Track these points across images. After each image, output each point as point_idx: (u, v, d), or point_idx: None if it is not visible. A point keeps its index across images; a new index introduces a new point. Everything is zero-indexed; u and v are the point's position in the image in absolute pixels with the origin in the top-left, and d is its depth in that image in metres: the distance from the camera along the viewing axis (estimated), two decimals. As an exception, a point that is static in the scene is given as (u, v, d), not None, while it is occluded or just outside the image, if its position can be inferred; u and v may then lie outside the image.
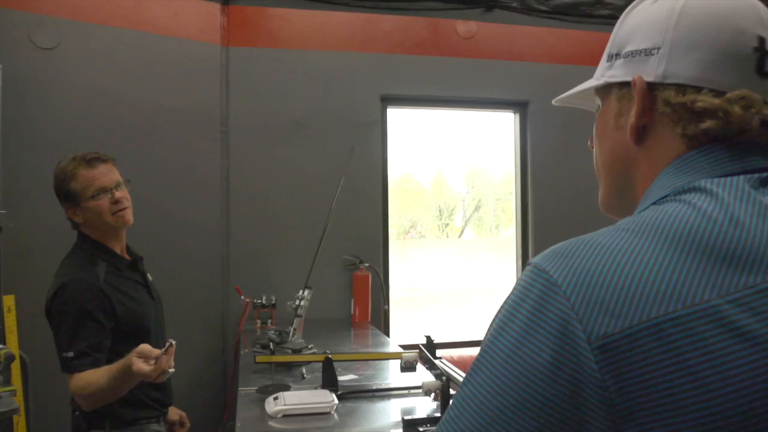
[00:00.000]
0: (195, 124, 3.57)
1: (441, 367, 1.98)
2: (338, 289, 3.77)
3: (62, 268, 2.08)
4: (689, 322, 0.53)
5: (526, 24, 4.14)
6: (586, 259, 0.59)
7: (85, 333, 1.93)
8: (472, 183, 8.38)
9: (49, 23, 3.14)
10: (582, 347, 0.55)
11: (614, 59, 0.75)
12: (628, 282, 0.56)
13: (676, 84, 0.68)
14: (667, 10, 0.70)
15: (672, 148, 0.69)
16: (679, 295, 0.54)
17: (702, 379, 0.52)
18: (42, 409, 3.00)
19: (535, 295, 0.59)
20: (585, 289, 0.57)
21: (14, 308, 2.94)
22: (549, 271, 0.60)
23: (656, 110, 0.70)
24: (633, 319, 0.54)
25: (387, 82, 3.93)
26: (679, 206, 0.61)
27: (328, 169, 3.57)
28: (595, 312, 0.56)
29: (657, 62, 0.69)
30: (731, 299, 0.54)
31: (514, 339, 0.59)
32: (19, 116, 3.03)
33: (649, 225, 0.60)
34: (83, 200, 2.07)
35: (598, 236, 0.61)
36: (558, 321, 0.57)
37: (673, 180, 0.67)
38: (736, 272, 0.55)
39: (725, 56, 0.67)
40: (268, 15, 3.78)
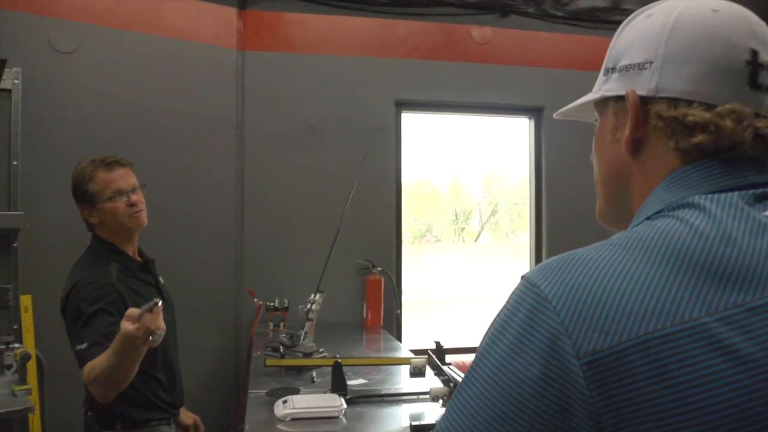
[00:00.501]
0: (210, 127, 3.60)
1: (449, 373, 1.98)
2: (351, 293, 3.78)
3: (76, 267, 2.11)
4: (677, 340, 0.54)
5: (541, 30, 4.13)
6: (578, 275, 0.59)
7: (98, 325, 1.94)
8: (489, 187, 8.36)
9: (67, 27, 3.19)
10: (571, 363, 0.55)
11: (610, 73, 0.76)
12: (617, 298, 0.56)
13: (669, 98, 0.68)
14: (659, 25, 0.71)
15: (666, 162, 0.69)
16: (668, 312, 0.55)
17: (688, 396, 0.52)
18: (57, 409, 3.05)
19: (525, 310, 0.60)
20: (575, 304, 0.57)
21: (31, 308, 2.99)
22: (540, 285, 0.60)
23: (649, 124, 0.70)
24: (622, 335, 0.55)
25: (402, 87, 3.93)
26: (672, 222, 0.61)
27: (341, 174, 3.59)
28: (584, 328, 0.56)
29: (650, 76, 0.70)
30: (720, 317, 0.54)
31: (504, 353, 0.59)
32: (38, 119, 3.08)
33: (641, 241, 0.60)
34: (100, 202, 2.11)
35: (591, 251, 0.62)
36: (547, 336, 0.57)
37: (667, 194, 0.67)
38: (726, 290, 0.55)
39: (717, 70, 0.67)
40: (284, 20, 3.80)
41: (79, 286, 2.00)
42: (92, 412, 2.08)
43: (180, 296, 2.42)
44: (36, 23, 3.12)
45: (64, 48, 3.18)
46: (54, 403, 3.05)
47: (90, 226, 2.19)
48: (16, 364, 2.66)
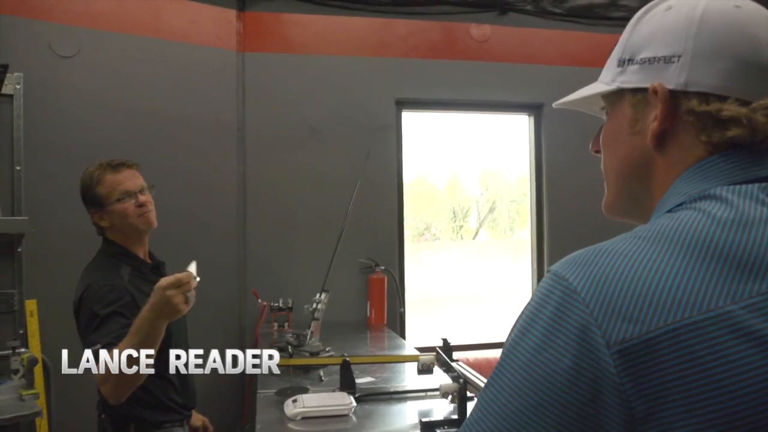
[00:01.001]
0: (211, 129, 3.61)
1: (458, 369, 2.00)
2: (354, 292, 3.79)
3: (87, 271, 2.11)
4: (704, 328, 0.55)
5: (540, 27, 4.14)
6: (604, 267, 0.60)
7: (111, 327, 1.92)
8: (487, 185, 8.37)
9: (68, 32, 3.19)
10: (601, 352, 0.57)
11: (627, 65, 0.76)
12: (645, 289, 0.58)
13: (699, 92, 0.69)
14: (685, 19, 0.71)
15: (693, 154, 0.70)
16: (694, 301, 0.56)
17: (717, 382, 0.54)
18: (64, 413, 3.05)
19: (555, 302, 0.61)
20: (603, 295, 0.58)
21: (36, 312, 2.99)
22: (568, 278, 0.61)
23: (679, 117, 0.71)
24: (650, 324, 0.56)
25: (402, 86, 3.95)
26: (694, 214, 0.63)
27: (343, 174, 3.60)
28: (613, 318, 0.57)
29: (678, 70, 0.70)
30: (744, 305, 0.56)
31: (535, 344, 0.61)
32: (40, 123, 3.08)
33: (665, 233, 0.62)
34: (109, 204, 2.12)
35: (615, 244, 0.63)
36: (578, 327, 0.58)
37: (689, 187, 0.69)
38: (750, 278, 0.57)
39: (746, 65, 0.68)
40: (284, 21, 3.81)
41: (92, 289, 2.00)
42: (106, 415, 2.08)
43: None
44: (37, 28, 3.12)
45: (65, 53, 3.18)
46: (61, 407, 3.05)
47: (100, 230, 2.19)
48: (22, 368, 2.67)
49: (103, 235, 2.20)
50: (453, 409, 2.00)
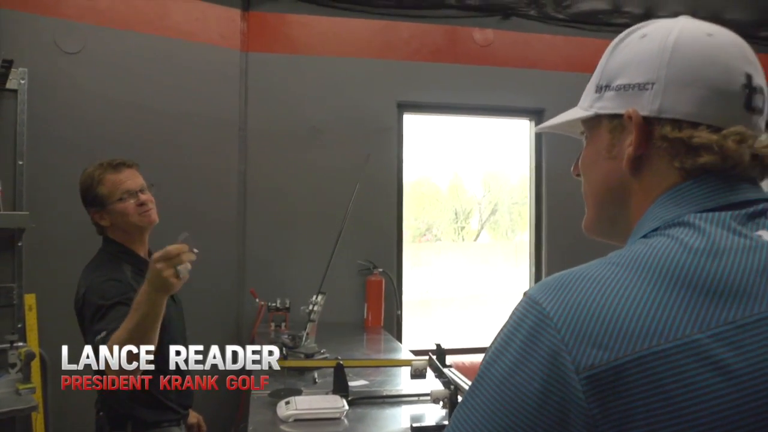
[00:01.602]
0: (214, 127, 3.63)
1: (449, 375, 2.01)
2: (352, 294, 3.81)
3: (88, 270, 2.12)
4: (672, 356, 0.56)
5: (542, 32, 4.15)
6: (578, 293, 0.62)
7: (115, 315, 1.90)
8: (489, 186, 8.38)
9: (73, 28, 3.21)
10: (570, 377, 0.58)
11: (604, 91, 0.77)
12: (615, 316, 0.59)
13: (672, 119, 0.71)
14: (658, 47, 0.73)
15: (667, 179, 0.72)
16: (663, 329, 0.57)
17: (682, 409, 0.55)
18: (60, 407, 3.07)
19: (528, 326, 0.63)
20: (575, 322, 0.60)
21: (35, 307, 3.02)
22: (542, 303, 0.63)
23: (653, 143, 0.72)
24: (619, 351, 0.57)
25: (404, 89, 3.96)
26: (667, 241, 0.64)
27: (344, 175, 3.61)
28: (583, 344, 0.59)
29: (652, 97, 0.72)
30: (712, 334, 0.57)
31: (508, 367, 0.62)
32: (44, 119, 3.10)
33: (638, 260, 0.63)
34: (110, 203, 2.14)
35: (590, 269, 0.64)
36: (548, 352, 0.60)
37: (663, 212, 0.70)
38: (718, 307, 0.58)
39: (718, 93, 0.70)
40: (288, 21, 3.83)
41: (95, 284, 2.00)
42: (104, 413, 2.11)
43: (182, 295, 2.44)
44: (42, 24, 3.14)
45: (69, 49, 3.20)
46: (57, 401, 3.07)
47: (101, 230, 2.20)
48: (20, 362, 2.69)
49: (103, 234, 2.21)
50: (444, 415, 2.01)
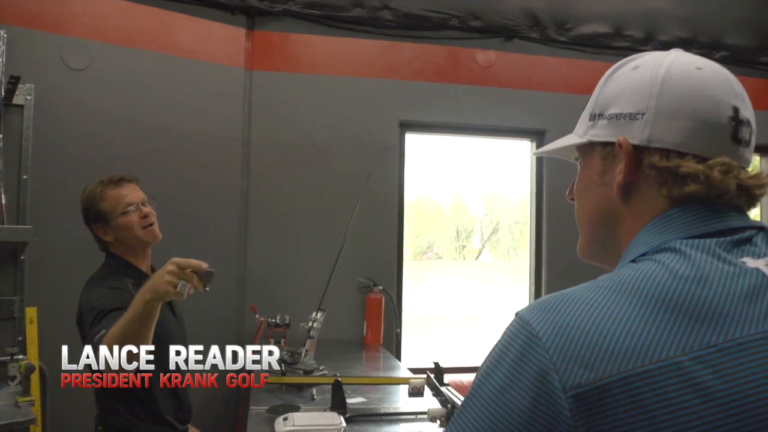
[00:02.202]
0: (217, 145, 3.66)
1: (446, 394, 2.02)
2: (351, 311, 3.82)
3: (90, 283, 2.14)
4: (655, 377, 0.59)
5: (544, 54, 4.19)
6: (566, 315, 0.64)
7: (114, 316, 1.88)
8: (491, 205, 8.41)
9: (80, 46, 3.26)
10: (557, 396, 0.60)
11: (597, 119, 0.81)
12: (602, 337, 0.61)
13: (661, 148, 0.74)
14: (649, 78, 0.76)
15: (655, 206, 0.75)
16: (647, 351, 0.60)
17: (663, 429, 0.57)
18: (58, 421, 3.08)
19: (518, 345, 0.65)
20: (563, 342, 0.62)
21: (36, 320, 3.03)
22: (532, 323, 0.66)
23: (642, 171, 0.76)
24: (604, 371, 0.60)
25: (406, 109, 4.00)
26: (654, 266, 0.67)
27: (345, 193, 3.64)
28: (570, 364, 0.61)
29: (642, 127, 0.75)
30: (694, 357, 0.59)
31: (498, 384, 0.65)
32: (49, 134, 3.14)
33: (625, 284, 0.65)
34: (113, 218, 2.17)
35: (579, 293, 0.67)
36: (537, 371, 0.62)
37: (651, 238, 0.73)
38: (701, 331, 0.61)
39: (705, 124, 0.74)
40: (291, 40, 3.87)
41: (96, 293, 2.02)
42: (103, 427, 2.12)
43: (182, 310, 2.46)
44: (49, 41, 3.19)
45: (76, 65, 3.24)
46: (55, 415, 3.08)
47: (104, 246, 2.23)
48: (20, 375, 2.70)
49: (106, 250, 2.24)
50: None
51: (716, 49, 4.26)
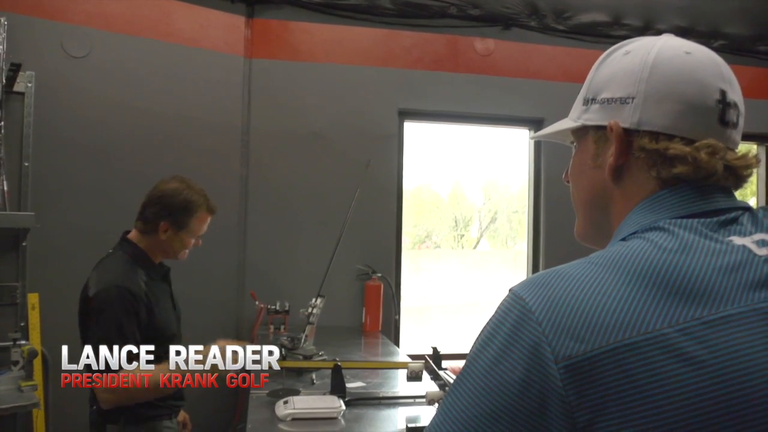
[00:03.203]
0: (217, 132, 3.68)
1: (444, 377, 2.05)
2: (350, 298, 3.85)
3: (107, 268, 2.18)
4: (641, 348, 0.61)
5: (543, 43, 4.21)
6: (558, 290, 0.67)
7: (131, 336, 2.04)
8: (489, 195, 8.42)
9: (80, 33, 3.27)
10: (550, 367, 0.63)
11: (590, 103, 0.83)
12: (592, 311, 0.64)
13: (650, 131, 0.77)
14: (639, 63, 0.79)
15: (645, 187, 0.78)
16: (635, 323, 0.62)
17: (651, 397, 0.60)
18: (60, 404, 3.11)
19: (512, 319, 0.67)
20: (555, 316, 0.65)
21: (38, 306, 3.06)
22: (525, 299, 0.68)
23: (632, 153, 0.78)
24: (594, 343, 0.62)
25: (405, 97, 4.01)
26: (642, 243, 0.69)
27: (344, 180, 3.66)
28: (562, 336, 0.63)
29: (632, 111, 0.78)
30: (679, 329, 0.62)
31: (493, 357, 0.67)
32: (50, 121, 3.15)
33: (614, 260, 0.68)
34: (186, 234, 2.29)
35: (571, 269, 0.69)
36: (530, 343, 0.65)
37: (640, 218, 0.76)
38: (687, 304, 0.63)
39: (693, 108, 0.76)
40: (291, 29, 3.88)
41: (114, 290, 2.07)
42: (97, 407, 2.15)
43: (182, 297, 2.49)
44: (50, 29, 3.20)
45: (76, 53, 3.25)
46: (58, 399, 3.11)
47: (145, 229, 2.26)
48: (22, 360, 2.73)
49: (137, 230, 2.28)
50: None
51: (714, 38, 4.27)
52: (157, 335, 2.16)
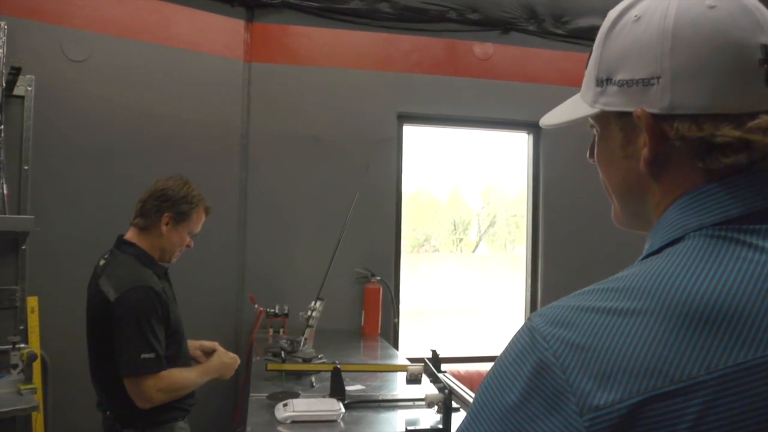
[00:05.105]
0: (216, 136, 3.68)
1: (444, 380, 2.05)
2: (349, 301, 3.85)
3: (121, 271, 2.21)
4: (675, 398, 0.55)
5: (541, 47, 4.22)
6: (584, 330, 0.59)
7: (159, 336, 2.13)
8: (488, 198, 8.42)
9: (80, 37, 3.27)
10: (574, 419, 0.56)
11: (605, 84, 0.70)
12: (620, 356, 0.57)
13: (687, 114, 0.64)
14: (657, 33, 0.65)
15: (689, 179, 0.66)
16: (668, 370, 0.55)
17: None
18: (59, 408, 3.11)
19: (533, 363, 0.60)
20: (580, 362, 0.58)
21: (37, 309, 3.06)
22: (549, 340, 0.60)
23: (670, 143, 0.65)
24: (624, 393, 0.55)
25: (404, 101, 4.02)
26: (678, 264, 0.60)
27: (343, 184, 3.66)
28: (588, 385, 0.56)
29: (660, 93, 0.65)
30: (718, 375, 0.54)
31: (513, 402, 0.60)
32: (50, 125, 3.16)
33: (644, 289, 0.60)
34: (184, 227, 2.34)
35: (597, 300, 0.62)
36: (553, 392, 0.58)
37: (683, 218, 0.65)
38: (729, 345, 0.55)
39: (733, 77, 0.63)
40: (290, 33, 3.89)
41: (138, 291, 2.14)
42: (111, 412, 2.17)
43: (182, 300, 2.49)
44: (49, 33, 3.20)
45: (76, 57, 3.26)
46: (57, 402, 3.11)
47: (145, 224, 2.30)
48: (22, 363, 2.73)
49: (133, 231, 2.31)
50: (439, 419, 2.05)
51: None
52: (173, 332, 2.24)
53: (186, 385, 2.24)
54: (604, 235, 3.21)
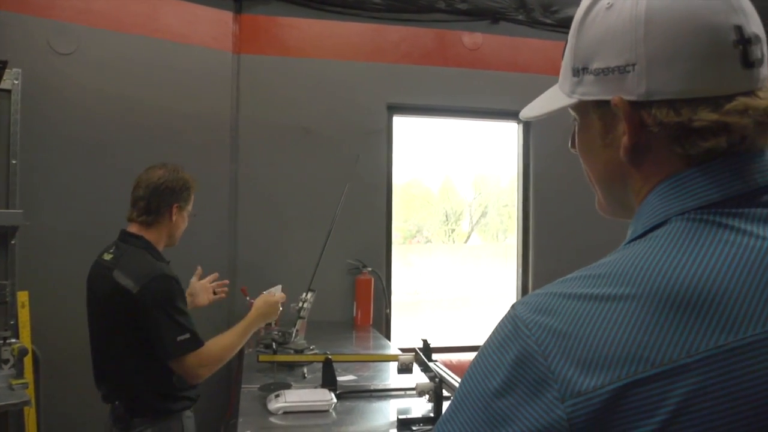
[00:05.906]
0: (205, 128, 3.67)
1: (434, 369, 2.06)
2: (341, 293, 3.85)
3: (135, 263, 2.21)
4: (657, 382, 0.55)
5: (531, 36, 4.22)
6: (566, 318, 0.60)
7: (188, 317, 2.20)
8: (479, 189, 8.43)
9: (67, 30, 3.25)
10: (556, 405, 0.57)
11: (582, 74, 0.71)
12: (600, 342, 0.57)
13: (665, 100, 0.64)
14: (630, 20, 0.65)
15: (669, 165, 0.66)
16: (648, 355, 0.55)
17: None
18: (51, 402, 3.11)
19: (516, 351, 0.60)
20: (562, 349, 0.58)
21: (28, 304, 3.05)
22: (531, 327, 0.61)
23: (648, 130, 0.66)
24: (605, 379, 0.56)
25: (394, 91, 4.01)
26: (659, 249, 0.61)
27: (334, 175, 3.66)
28: (570, 372, 0.57)
29: (636, 80, 0.65)
30: (700, 358, 0.54)
31: (495, 389, 0.60)
32: (37, 118, 3.14)
33: (626, 275, 0.60)
34: (186, 210, 2.42)
35: (580, 287, 0.62)
36: (536, 379, 0.58)
37: (664, 203, 0.65)
38: (710, 327, 0.55)
39: (708, 60, 0.63)
40: (279, 24, 3.88)
41: (162, 280, 2.17)
42: (120, 402, 2.18)
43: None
44: (36, 25, 3.18)
45: (63, 50, 3.24)
46: (49, 397, 3.11)
47: (151, 220, 2.31)
48: (13, 358, 2.73)
49: (136, 226, 2.31)
50: (430, 408, 2.06)
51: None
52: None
53: (227, 350, 2.29)
54: (595, 224, 3.21)
